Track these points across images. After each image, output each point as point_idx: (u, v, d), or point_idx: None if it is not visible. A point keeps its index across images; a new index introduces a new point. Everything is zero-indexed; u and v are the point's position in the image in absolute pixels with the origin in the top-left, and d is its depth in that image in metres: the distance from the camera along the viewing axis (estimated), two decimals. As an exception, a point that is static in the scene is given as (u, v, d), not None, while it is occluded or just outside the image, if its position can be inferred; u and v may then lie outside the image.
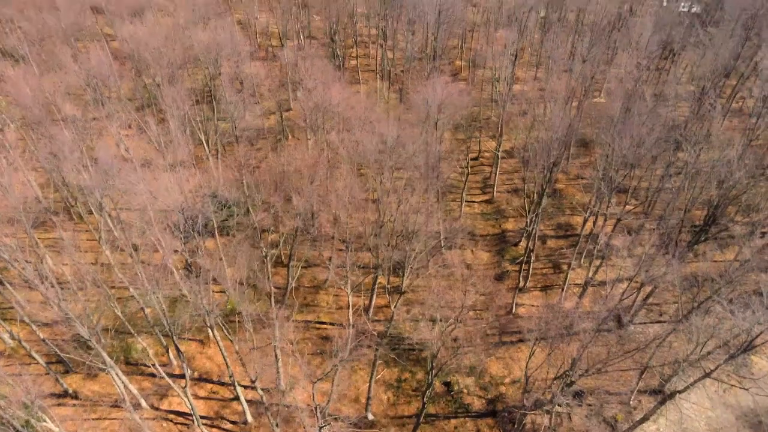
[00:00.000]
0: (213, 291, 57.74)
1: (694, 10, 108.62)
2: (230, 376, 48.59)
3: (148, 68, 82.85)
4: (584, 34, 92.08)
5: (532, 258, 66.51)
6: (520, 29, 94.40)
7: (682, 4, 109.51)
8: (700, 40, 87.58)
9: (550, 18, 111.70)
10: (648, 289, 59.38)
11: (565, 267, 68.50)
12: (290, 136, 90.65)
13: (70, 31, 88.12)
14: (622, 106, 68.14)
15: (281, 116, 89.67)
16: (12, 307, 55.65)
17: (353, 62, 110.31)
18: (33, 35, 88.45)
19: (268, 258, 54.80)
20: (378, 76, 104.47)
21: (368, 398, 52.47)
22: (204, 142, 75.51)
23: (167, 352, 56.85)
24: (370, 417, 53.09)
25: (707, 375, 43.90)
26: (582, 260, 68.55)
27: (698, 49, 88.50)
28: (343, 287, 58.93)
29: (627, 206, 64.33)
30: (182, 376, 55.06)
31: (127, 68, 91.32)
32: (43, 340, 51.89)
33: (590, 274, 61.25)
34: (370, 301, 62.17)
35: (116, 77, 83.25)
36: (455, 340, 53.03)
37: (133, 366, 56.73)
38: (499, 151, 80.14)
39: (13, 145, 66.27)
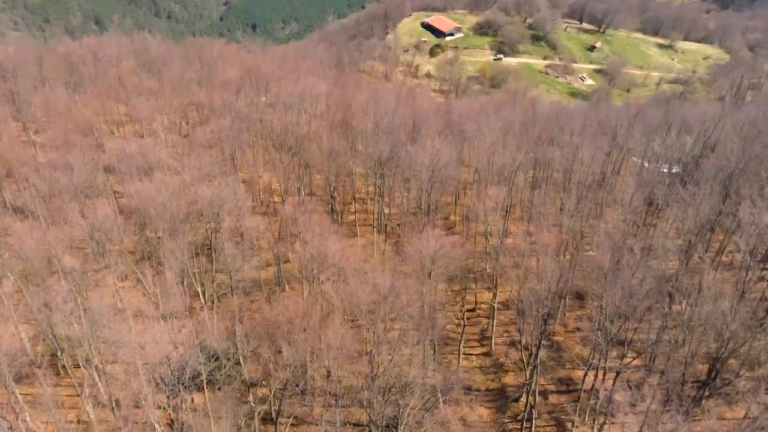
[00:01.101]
0: (195, 451, 54.41)
1: (674, 170, 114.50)
2: None
3: (152, 222, 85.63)
4: (571, 192, 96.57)
5: (534, 415, 63.62)
6: (510, 187, 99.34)
7: (663, 166, 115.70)
8: (682, 197, 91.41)
9: (538, 177, 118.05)
10: (657, 449, 55.94)
11: (568, 424, 65.23)
12: (287, 287, 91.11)
13: (80, 188, 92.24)
14: (611, 258, 69.50)
15: (279, 268, 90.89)
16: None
17: (351, 217, 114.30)
18: (44, 192, 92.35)
19: (257, 414, 52.46)
20: (374, 229, 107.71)
21: None
22: (200, 293, 75.76)
23: None
24: None
25: None
26: (586, 417, 65.46)
27: (681, 205, 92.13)
28: (333, 447, 55.63)
29: (626, 359, 62.95)
30: None
31: (131, 222, 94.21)
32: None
33: (595, 432, 58.21)
34: (363, 462, 58.34)
35: (120, 231, 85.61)
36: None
37: None
38: (495, 303, 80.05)
39: (8, 296, 66.49)
